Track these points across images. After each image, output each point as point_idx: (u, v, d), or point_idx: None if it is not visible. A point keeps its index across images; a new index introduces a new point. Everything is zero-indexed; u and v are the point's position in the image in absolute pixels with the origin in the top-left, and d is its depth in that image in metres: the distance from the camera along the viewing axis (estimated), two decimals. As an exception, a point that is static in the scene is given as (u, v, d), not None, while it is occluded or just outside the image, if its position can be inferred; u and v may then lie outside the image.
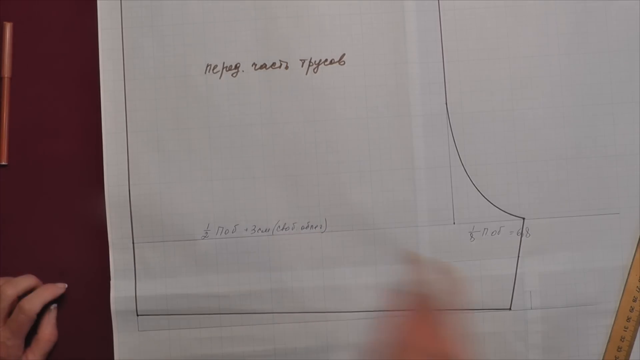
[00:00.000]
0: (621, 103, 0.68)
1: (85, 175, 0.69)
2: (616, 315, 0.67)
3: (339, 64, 0.68)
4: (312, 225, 0.68)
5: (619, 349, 0.67)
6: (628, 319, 0.67)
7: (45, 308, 0.68)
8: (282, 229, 0.68)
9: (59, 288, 0.69)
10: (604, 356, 0.68)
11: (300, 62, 0.68)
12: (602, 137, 0.68)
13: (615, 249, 0.68)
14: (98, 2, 0.68)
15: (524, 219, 0.68)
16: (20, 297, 0.67)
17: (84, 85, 0.69)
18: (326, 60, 0.68)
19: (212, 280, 0.68)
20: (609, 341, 0.67)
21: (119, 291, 0.68)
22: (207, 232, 0.68)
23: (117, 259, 0.68)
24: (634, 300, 0.67)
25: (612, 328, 0.67)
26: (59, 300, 0.69)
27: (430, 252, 0.68)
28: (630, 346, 0.67)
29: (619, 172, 0.68)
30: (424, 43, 0.68)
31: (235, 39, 0.68)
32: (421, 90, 0.68)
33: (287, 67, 0.68)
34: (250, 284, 0.68)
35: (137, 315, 0.68)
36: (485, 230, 0.68)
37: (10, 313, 0.66)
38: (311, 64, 0.68)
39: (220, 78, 0.68)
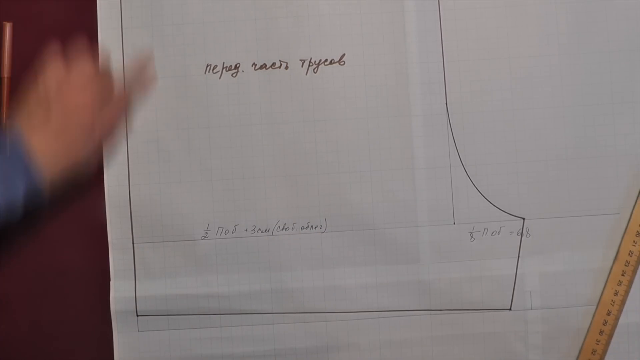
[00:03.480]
0: (621, 103, 0.68)
1: (85, 175, 0.69)
2: (590, 326, 0.68)
3: (339, 64, 0.68)
4: (312, 226, 0.68)
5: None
6: (601, 332, 0.67)
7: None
8: (282, 229, 0.68)
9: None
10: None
11: (300, 62, 0.68)
12: (602, 137, 0.68)
13: (615, 249, 0.67)
14: (98, 2, 0.68)
15: (524, 219, 0.68)
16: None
17: (84, 85, 0.69)
18: (326, 60, 0.68)
19: (212, 281, 0.68)
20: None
21: (119, 291, 0.68)
22: (207, 233, 0.68)
23: (117, 259, 0.68)
24: (608, 314, 0.67)
25: (584, 340, 0.67)
26: (58, 301, 0.69)
27: (430, 252, 0.68)
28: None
29: (619, 172, 0.68)
30: (424, 43, 0.68)
31: (235, 39, 0.68)
32: (421, 90, 0.68)
33: (287, 67, 0.68)
34: (250, 284, 0.68)
35: (137, 315, 0.68)
36: (486, 230, 0.68)
37: None
38: (311, 64, 0.68)
39: (220, 78, 0.68)
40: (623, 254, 0.67)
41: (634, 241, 0.66)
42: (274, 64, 0.68)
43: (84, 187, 0.60)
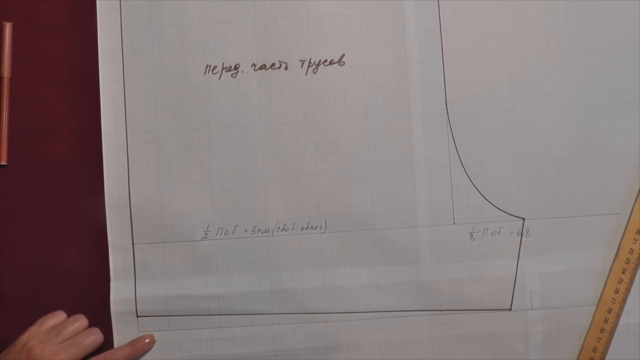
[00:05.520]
0: (621, 103, 0.68)
1: (85, 176, 0.69)
2: (591, 324, 0.67)
3: (339, 64, 0.68)
4: (312, 226, 0.68)
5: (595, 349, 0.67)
6: (602, 330, 0.67)
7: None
8: (281, 230, 0.68)
9: None
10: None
11: (300, 63, 0.68)
12: (602, 137, 0.68)
13: (615, 249, 0.67)
14: (98, 2, 0.69)
15: (524, 219, 0.68)
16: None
17: (83, 85, 0.69)
18: (326, 60, 0.68)
19: (212, 281, 0.68)
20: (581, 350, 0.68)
21: (119, 292, 0.68)
22: (206, 233, 0.68)
23: (116, 260, 0.68)
24: (609, 312, 0.67)
25: (585, 338, 0.67)
26: (58, 301, 0.69)
27: (430, 253, 0.68)
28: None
29: (619, 172, 0.68)
30: (423, 43, 0.68)
31: (234, 39, 0.68)
32: (421, 90, 0.68)
33: (286, 68, 0.68)
34: (250, 284, 0.68)
35: (137, 316, 0.68)
36: (485, 230, 0.68)
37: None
38: (311, 64, 0.68)
39: (219, 79, 0.68)
40: (624, 252, 0.67)
41: (634, 239, 0.66)
42: (273, 64, 0.68)
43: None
